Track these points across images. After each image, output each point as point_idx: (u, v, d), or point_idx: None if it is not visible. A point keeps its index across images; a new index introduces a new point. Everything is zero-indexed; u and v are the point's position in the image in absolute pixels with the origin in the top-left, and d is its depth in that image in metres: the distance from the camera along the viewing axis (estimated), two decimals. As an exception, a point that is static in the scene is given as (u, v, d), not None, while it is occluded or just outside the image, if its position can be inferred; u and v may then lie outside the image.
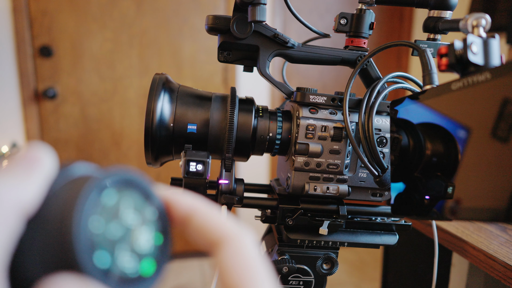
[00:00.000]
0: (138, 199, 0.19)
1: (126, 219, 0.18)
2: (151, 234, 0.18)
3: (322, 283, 0.50)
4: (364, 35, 0.49)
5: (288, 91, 0.49)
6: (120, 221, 0.17)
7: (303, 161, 0.46)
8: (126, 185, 0.18)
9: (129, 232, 0.18)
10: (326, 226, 0.46)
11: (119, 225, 0.17)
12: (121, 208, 0.18)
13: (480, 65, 0.30)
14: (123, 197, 0.18)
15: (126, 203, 0.18)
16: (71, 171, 0.18)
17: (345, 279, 1.99)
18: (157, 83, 0.44)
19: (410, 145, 0.38)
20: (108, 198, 0.17)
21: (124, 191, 0.18)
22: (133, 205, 0.18)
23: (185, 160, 0.42)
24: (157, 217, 0.19)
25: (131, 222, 0.18)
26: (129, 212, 0.18)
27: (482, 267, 0.67)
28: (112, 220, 0.17)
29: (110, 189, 0.17)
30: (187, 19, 1.92)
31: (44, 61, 1.80)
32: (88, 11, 1.80)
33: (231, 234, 0.19)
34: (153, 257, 0.18)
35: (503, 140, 0.27)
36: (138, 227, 0.18)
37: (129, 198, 0.18)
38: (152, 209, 0.19)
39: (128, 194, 0.18)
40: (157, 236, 0.19)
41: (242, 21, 0.45)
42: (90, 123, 1.91)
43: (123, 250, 0.17)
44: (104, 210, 0.17)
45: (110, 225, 0.17)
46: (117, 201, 0.18)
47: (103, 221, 0.17)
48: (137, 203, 0.18)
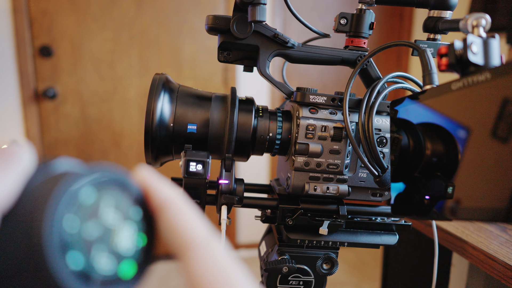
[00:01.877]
0: (121, 198, 0.18)
1: (106, 218, 0.17)
2: (134, 235, 0.18)
3: (322, 283, 0.50)
4: (364, 35, 0.49)
5: (288, 91, 0.49)
6: (99, 220, 0.17)
7: (303, 161, 0.46)
8: (109, 183, 0.17)
9: (109, 232, 0.17)
10: (326, 226, 0.46)
11: (97, 225, 0.16)
12: (101, 207, 0.17)
13: (480, 65, 0.30)
14: (104, 195, 0.17)
15: (106, 202, 0.17)
16: (52, 168, 0.18)
17: (345, 279, 1.99)
18: (157, 83, 0.44)
19: (410, 145, 0.38)
20: (86, 196, 0.16)
21: (105, 190, 0.17)
22: (114, 204, 0.17)
23: (185, 160, 0.42)
24: (141, 217, 0.18)
25: (111, 221, 0.17)
26: (109, 211, 0.17)
27: (482, 267, 0.67)
28: (89, 219, 0.16)
29: (89, 187, 0.17)
30: (187, 19, 1.92)
31: (44, 61, 1.80)
32: (88, 11, 1.80)
33: (199, 239, 0.19)
34: (134, 259, 0.17)
35: (503, 140, 0.27)
36: (119, 227, 0.17)
37: (110, 196, 0.17)
38: (136, 208, 0.18)
39: (110, 192, 0.17)
40: (141, 237, 0.18)
41: (242, 21, 0.45)
42: (90, 123, 1.91)
43: (101, 251, 0.16)
44: (81, 208, 0.16)
45: (87, 224, 0.16)
46: (96, 200, 0.17)
47: (79, 220, 0.16)
48: (120, 202, 0.18)
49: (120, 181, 0.18)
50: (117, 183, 0.18)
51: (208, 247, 0.18)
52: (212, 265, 0.18)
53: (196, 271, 0.18)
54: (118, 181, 0.18)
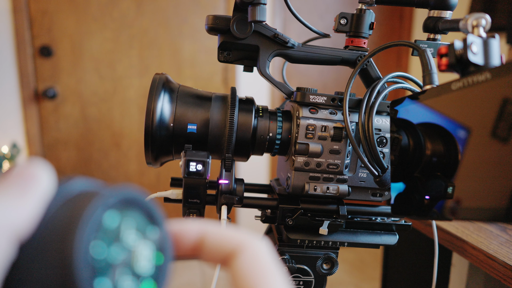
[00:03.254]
0: (140, 218, 0.18)
1: (127, 240, 0.17)
2: (152, 254, 0.18)
3: (322, 283, 0.50)
4: (364, 35, 0.49)
5: (288, 91, 0.49)
6: (122, 243, 0.17)
7: (303, 161, 0.46)
8: (128, 204, 0.17)
9: (130, 254, 0.17)
10: (326, 226, 0.46)
11: (120, 248, 0.16)
12: (123, 229, 0.17)
13: (480, 65, 0.30)
14: (125, 217, 0.17)
15: (128, 224, 0.17)
16: (69, 188, 0.17)
17: (345, 279, 1.99)
18: (157, 83, 0.44)
19: (410, 145, 0.38)
20: (110, 220, 0.16)
21: (126, 211, 0.17)
22: (135, 226, 0.17)
23: (185, 160, 0.42)
24: (158, 237, 0.18)
25: (132, 243, 0.17)
26: (130, 233, 0.17)
27: (482, 267, 0.67)
28: (113, 243, 0.16)
29: (112, 210, 0.16)
30: (187, 19, 1.92)
31: (44, 61, 1.80)
32: (88, 11, 1.80)
33: (246, 242, 0.19)
34: (153, 278, 0.17)
35: (503, 140, 0.27)
36: (139, 247, 0.17)
37: (131, 218, 0.17)
38: (153, 228, 0.18)
39: (130, 214, 0.17)
40: (158, 256, 0.18)
41: (242, 21, 0.45)
42: (90, 123, 1.91)
43: (124, 274, 0.16)
44: (105, 233, 0.16)
45: (112, 248, 0.16)
46: (119, 223, 0.17)
47: (105, 246, 0.16)
48: (139, 222, 0.18)
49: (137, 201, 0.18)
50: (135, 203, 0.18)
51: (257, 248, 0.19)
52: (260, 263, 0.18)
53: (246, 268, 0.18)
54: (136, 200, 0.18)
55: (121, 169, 2.00)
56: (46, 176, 0.16)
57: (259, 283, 0.18)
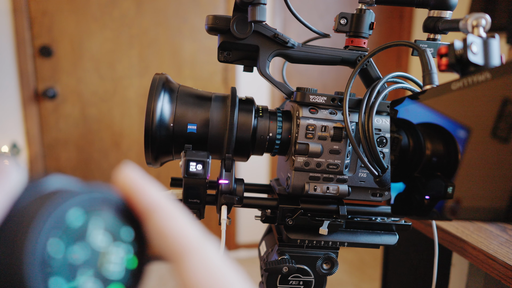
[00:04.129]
0: (112, 220, 0.17)
1: (94, 241, 0.16)
2: (124, 257, 0.17)
3: (322, 283, 0.50)
4: (364, 35, 0.49)
5: (288, 91, 0.49)
6: (87, 243, 0.16)
7: (303, 161, 0.46)
8: (99, 203, 0.17)
9: (97, 255, 0.16)
10: (326, 226, 0.46)
11: (84, 249, 0.16)
12: (89, 229, 0.16)
13: (480, 65, 0.30)
14: (93, 218, 0.16)
15: (95, 224, 0.16)
16: (42, 186, 0.16)
17: (345, 279, 1.99)
18: (157, 83, 0.44)
19: (410, 145, 0.38)
20: (74, 219, 0.16)
21: (95, 211, 0.16)
22: (104, 226, 0.17)
23: (185, 160, 0.42)
24: (133, 239, 0.17)
25: (100, 244, 0.16)
26: (98, 234, 0.16)
27: (482, 267, 0.67)
28: (76, 242, 0.15)
29: (77, 208, 0.16)
30: (187, 19, 1.92)
31: (44, 61, 1.80)
32: (88, 11, 1.80)
33: (192, 244, 0.18)
34: (122, 282, 0.17)
35: (503, 140, 0.27)
36: (108, 249, 0.16)
37: (100, 218, 0.16)
38: (128, 229, 0.17)
39: (100, 213, 0.17)
40: (131, 259, 0.17)
41: (242, 21, 0.45)
42: (90, 123, 1.91)
43: (86, 276, 0.16)
44: (67, 231, 0.15)
45: (73, 248, 0.15)
46: (84, 222, 0.16)
47: (64, 244, 0.15)
48: (110, 223, 0.17)
49: (111, 201, 0.17)
50: (107, 203, 0.17)
51: (202, 252, 0.18)
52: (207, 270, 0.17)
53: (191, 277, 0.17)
54: (109, 200, 0.17)
55: (121, 169, 1.99)
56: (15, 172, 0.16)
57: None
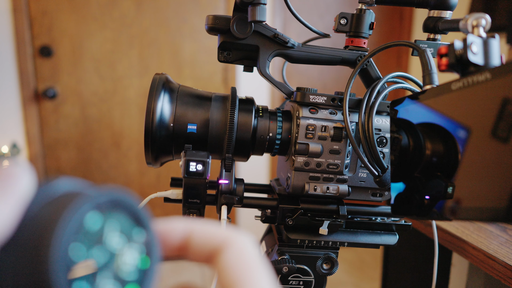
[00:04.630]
0: (125, 221, 0.17)
1: (111, 243, 0.16)
2: (137, 258, 0.17)
3: (322, 283, 0.50)
4: (364, 35, 0.49)
5: (288, 91, 0.49)
6: (104, 246, 0.16)
7: (303, 161, 0.46)
8: (113, 206, 0.17)
9: (113, 258, 0.16)
10: (326, 226, 0.46)
11: (102, 251, 0.16)
12: (106, 232, 0.16)
13: (480, 65, 0.30)
14: (109, 220, 0.16)
15: (111, 227, 0.16)
16: (52, 189, 0.16)
17: (345, 279, 1.99)
18: (157, 83, 0.44)
19: (410, 145, 0.38)
20: (92, 223, 0.16)
21: (110, 213, 0.16)
22: (119, 228, 0.17)
23: (185, 160, 0.42)
24: (145, 240, 0.17)
25: (116, 246, 0.16)
26: (114, 236, 0.16)
27: (482, 267, 0.67)
28: (94, 246, 0.16)
29: (94, 212, 0.16)
30: (187, 19, 1.92)
31: (44, 61, 1.80)
32: (88, 11, 1.80)
33: (231, 238, 0.19)
34: (137, 282, 0.17)
35: (503, 140, 0.27)
36: (123, 251, 0.17)
37: (115, 221, 0.17)
38: (139, 230, 0.17)
39: (115, 216, 0.17)
40: (144, 260, 0.17)
41: (242, 21, 0.45)
42: (90, 123, 1.91)
43: (106, 278, 0.16)
44: (86, 235, 0.15)
45: (92, 251, 0.15)
46: (101, 225, 0.16)
47: (85, 249, 0.15)
48: (124, 225, 0.17)
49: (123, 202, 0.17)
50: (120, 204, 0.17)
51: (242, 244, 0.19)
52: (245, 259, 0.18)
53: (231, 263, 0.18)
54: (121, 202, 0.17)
55: (121, 169, 2.00)
56: (26, 176, 0.16)
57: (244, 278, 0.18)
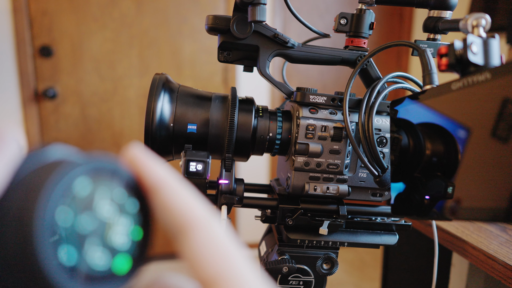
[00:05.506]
0: (118, 190, 0.17)
1: (101, 211, 0.16)
2: (130, 228, 0.17)
3: (322, 283, 0.50)
4: (364, 35, 0.49)
5: (288, 91, 0.49)
6: (94, 213, 0.16)
7: (303, 161, 0.46)
8: (105, 173, 0.16)
9: (104, 225, 0.16)
10: (326, 226, 0.46)
11: (91, 218, 0.15)
12: (96, 198, 0.16)
13: (480, 65, 0.30)
14: (100, 187, 0.16)
15: (102, 193, 0.16)
16: (44, 155, 0.16)
17: (345, 279, 1.99)
18: (157, 83, 0.44)
19: (410, 145, 0.38)
20: (81, 188, 0.15)
21: (101, 180, 0.16)
22: (110, 196, 0.16)
23: (185, 160, 0.42)
24: (138, 210, 0.17)
25: (107, 214, 0.16)
26: (104, 204, 0.16)
27: (482, 267, 0.67)
28: (83, 211, 0.15)
29: (84, 177, 0.15)
30: (187, 19, 1.92)
31: (44, 61, 1.80)
32: (88, 11, 1.80)
33: (199, 219, 0.17)
34: (129, 253, 0.16)
35: (503, 140, 0.27)
36: (114, 220, 0.16)
37: (106, 187, 0.16)
38: (133, 201, 0.17)
39: (106, 183, 0.16)
40: (137, 231, 0.17)
41: (242, 21, 0.45)
42: (90, 123, 1.91)
43: (94, 245, 0.15)
44: (75, 200, 0.15)
45: (81, 217, 0.15)
46: (91, 191, 0.16)
47: (72, 213, 0.15)
48: (116, 193, 0.16)
49: (116, 171, 0.17)
50: (113, 173, 0.17)
51: (209, 228, 0.17)
52: (213, 246, 0.17)
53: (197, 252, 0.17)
54: (115, 171, 0.17)
55: (121, 169, 2.00)
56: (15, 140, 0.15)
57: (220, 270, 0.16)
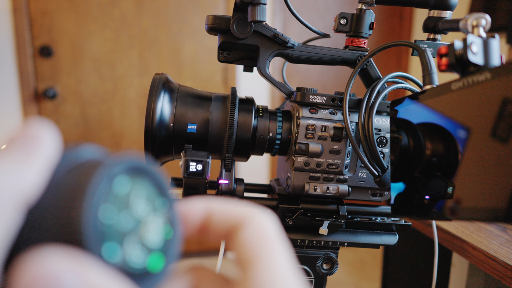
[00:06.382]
0: (150, 189, 0.17)
1: (137, 209, 0.16)
2: (161, 227, 0.17)
3: (322, 283, 0.50)
4: (364, 35, 0.49)
5: (288, 91, 0.49)
6: (131, 211, 0.16)
7: (303, 161, 0.46)
8: (139, 172, 0.17)
9: (139, 224, 0.16)
10: (326, 226, 0.46)
11: (129, 216, 0.16)
12: (133, 197, 0.16)
13: (480, 65, 0.30)
14: (136, 185, 0.16)
15: (138, 193, 0.16)
16: (77, 155, 0.17)
17: (345, 279, 1.99)
18: (157, 83, 0.44)
19: (410, 145, 0.38)
20: (120, 186, 0.16)
21: (136, 179, 0.17)
22: (145, 195, 0.17)
23: (185, 160, 0.42)
24: (167, 209, 0.18)
25: (142, 213, 0.16)
26: (140, 202, 0.16)
27: (482, 267, 0.67)
28: (123, 210, 0.16)
29: (123, 176, 0.16)
30: (187, 19, 1.92)
31: (44, 61, 1.80)
32: (88, 11, 1.80)
33: (250, 215, 0.19)
34: (162, 252, 0.17)
35: (503, 140, 0.27)
36: (148, 218, 0.17)
37: (142, 187, 0.17)
38: (162, 200, 0.17)
39: (141, 182, 0.17)
40: (167, 229, 0.17)
41: (242, 21, 0.45)
42: (90, 123, 1.91)
43: (133, 243, 0.16)
44: (115, 199, 0.15)
45: (121, 215, 0.15)
46: (129, 190, 0.16)
47: (115, 211, 0.15)
48: (149, 193, 0.17)
49: (148, 171, 0.17)
50: (146, 172, 0.17)
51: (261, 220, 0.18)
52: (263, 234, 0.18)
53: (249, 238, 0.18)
54: (147, 170, 0.17)
55: (121, 169, 2.00)
56: (51, 139, 0.15)
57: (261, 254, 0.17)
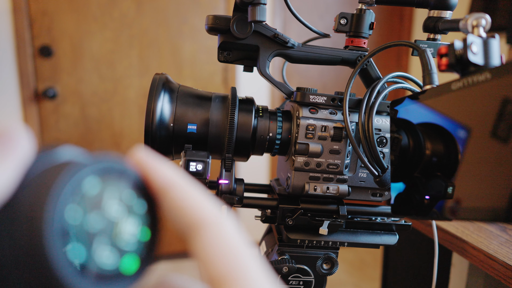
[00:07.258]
0: (126, 191, 0.17)
1: (110, 210, 0.16)
2: (137, 229, 0.17)
3: (322, 283, 0.50)
4: (364, 35, 0.49)
5: (288, 91, 0.49)
6: (102, 212, 0.16)
7: (303, 161, 0.46)
8: (113, 173, 0.16)
9: (112, 225, 0.16)
10: (326, 226, 0.46)
11: (100, 217, 0.16)
12: (105, 198, 0.16)
13: (480, 65, 0.30)
14: (108, 186, 0.16)
15: (110, 193, 0.16)
16: (53, 155, 0.16)
17: (345, 279, 1.99)
18: (157, 83, 0.44)
19: (410, 145, 0.38)
20: (90, 187, 0.15)
21: (109, 180, 0.16)
22: (119, 196, 0.16)
23: (185, 160, 0.42)
24: (146, 211, 0.17)
25: (115, 214, 0.16)
26: (113, 203, 0.16)
27: (482, 267, 0.67)
28: (92, 210, 0.15)
29: (93, 176, 0.16)
30: (187, 19, 1.92)
31: (44, 61, 1.80)
32: (88, 11, 1.80)
33: (210, 218, 0.17)
34: (137, 253, 0.17)
35: (503, 140, 0.27)
36: (122, 220, 0.16)
37: (115, 187, 0.16)
38: (141, 202, 0.17)
39: (114, 183, 0.16)
40: (144, 231, 0.17)
41: (242, 21, 0.45)
42: (90, 123, 1.91)
43: (103, 244, 0.15)
44: (84, 199, 0.15)
45: (90, 216, 0.15)
46: (100, 191, 0.16)
47: (81, 212, 0.15)
48: (124, 194, 0.17)
49: (125, 172, 0.17)
50: (121, 173, 0.17)
51: (219, 226, 0.17)
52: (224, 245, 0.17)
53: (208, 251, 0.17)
54: (123, 171, 0.17)
55: (121, 169, 2.00)
56: (25, 140, 0.15)
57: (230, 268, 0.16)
